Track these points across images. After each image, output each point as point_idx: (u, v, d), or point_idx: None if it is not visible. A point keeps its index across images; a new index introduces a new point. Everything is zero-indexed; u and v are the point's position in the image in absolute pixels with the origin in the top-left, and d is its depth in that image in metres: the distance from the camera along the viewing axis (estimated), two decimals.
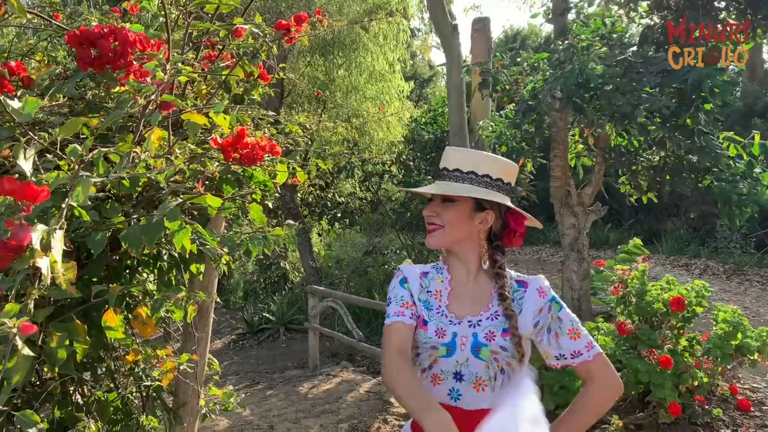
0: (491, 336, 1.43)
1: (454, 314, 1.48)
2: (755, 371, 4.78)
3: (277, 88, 7.84)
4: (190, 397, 2.30)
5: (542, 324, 1.45)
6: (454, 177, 1.50)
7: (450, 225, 1.48)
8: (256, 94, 2.30)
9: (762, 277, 9.91)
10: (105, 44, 1.34)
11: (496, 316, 1.46)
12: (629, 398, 4.06)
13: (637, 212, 13.10)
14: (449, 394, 1.44)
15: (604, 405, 1.46)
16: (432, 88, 22.44)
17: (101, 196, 1.46)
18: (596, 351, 1.43)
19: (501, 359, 1.43)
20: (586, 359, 1.43)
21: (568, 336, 1.43)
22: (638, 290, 4.14)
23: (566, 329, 1.44)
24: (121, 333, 1.37)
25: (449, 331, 1.46)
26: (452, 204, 1.48)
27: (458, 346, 1.44)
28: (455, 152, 1.55)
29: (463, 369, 1.43)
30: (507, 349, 1.43)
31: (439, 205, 1.50)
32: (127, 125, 1.68)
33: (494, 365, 1.43)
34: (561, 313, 1.46)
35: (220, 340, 8.70)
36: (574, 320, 1.46)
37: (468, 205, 1.48)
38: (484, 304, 1.48)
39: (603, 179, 5.62)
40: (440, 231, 1.49)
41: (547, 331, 1.45)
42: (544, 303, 1.47)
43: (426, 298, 1.53)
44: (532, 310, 1.46)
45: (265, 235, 1.86)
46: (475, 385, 1.42)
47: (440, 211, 1.49)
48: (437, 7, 7.32)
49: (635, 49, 4.94)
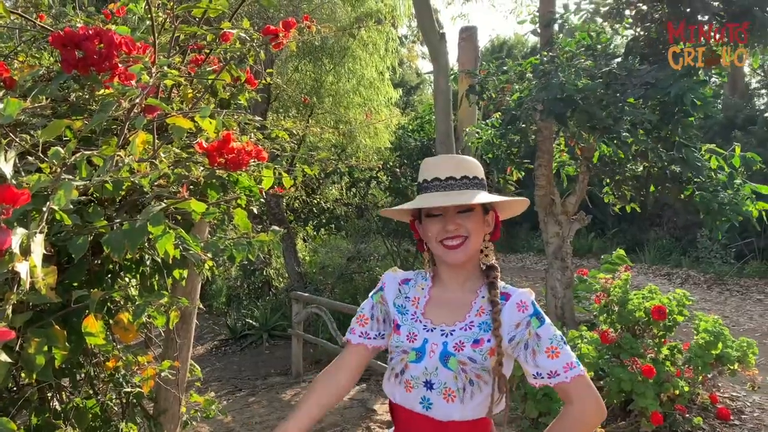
0: (461, 346, 1.40)
1: (429, 320, 1.48)
2: (735, 380, 4.84)
3: (264, 93, 7.82)
4: (171, 404, 2.27)
5: (518, 339, 1.39)
6: (453, 185, 1.45)
7: (474, 234, 1.45)
8: (243, 99, 2.29)
9: (741, 286, 10.05)
10: (90, 46, 1.32)
11: (470, 327, 1.43)
12: (612, 407, 4.08)
13: (620, 221, 13.24)
14: (421, 403, 1.43)
15: (581, 429, 1.37)
16: (419, 95, 22.53)
17: (83, 199, 1.44)
18: (575, 372, 1.35)
19: (469, 371, 1.39)
20: (563, 380, 1.35)
21: (545, 354, 1.36)
22: (620, 299, 4.18)
23: (544, 347, 1.37)
24: (101, 339, 1.35)
25: (420, 337, 1.46)
26: (472, 212, 1.45)
27: (428, 352, 1.43)
28: (441, 160, 1.52)
29: (432, 377, 1.41)
30: (476, 361, 1.38)
31: (458, 216, 1.44)
32: (111, 128, 1.66)
33: (462, 376, 1.39)
34: (540, 329, 1.38)
35: (202, 346, 8.62)
36: (555, 338, 1.38)
37: (480, 211, 1.47)
38: (461, 314, 1.46)
39: (587, 188, 5.67)
40: (466, 242, 1.44)
41: (524, 347, 1.39)
42: (522, 318, 1.40)
43: (402, 303, 1.55)
44: (508, 324, 1.40)
45: (250, 241, 1.85)
46: (444, 395, 1.40)
47: (462, 221, 1.44)
48: (425, 16, 7.36)
49: (619, 60, 5.01)
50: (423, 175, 1.51)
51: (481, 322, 1.43)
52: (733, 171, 4.66)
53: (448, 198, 1.44)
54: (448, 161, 1.50)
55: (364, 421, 4.79)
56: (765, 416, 4.45)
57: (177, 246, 1.46)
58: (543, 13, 5.88)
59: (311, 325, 7.67)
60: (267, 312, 8.65)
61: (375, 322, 1.58)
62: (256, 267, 9.89)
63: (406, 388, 1.45)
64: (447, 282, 1.52)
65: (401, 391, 1.46)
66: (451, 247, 1.44)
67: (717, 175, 4.58)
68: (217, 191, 1.76)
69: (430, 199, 1.46)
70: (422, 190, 1.50)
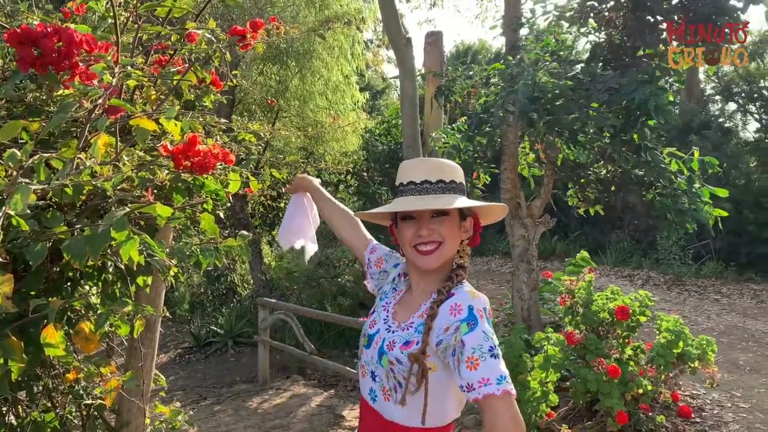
0: (392, 345, 1.38)
1: (391, 315, 1.50)
2: (695, 378, 4.96)
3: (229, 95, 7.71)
4: (135, 416, 2.20)
5: (445, 344, 1.29)
6: (428, 189, 1.42)
7: (449, 238, 1.42)
8: (208, 101, 2.24)
9: (699, 287, 10.34)
10: (48, 44, 1.27)
11: (408, 327, 1.40)
12: (578, 407, 4.14)
13: (583, 224, 13.50)
14: (369, 393, 1.44)
15: None
16: (385, 99, 22.60)
17: (42, 204, 1.38)
18: (489, 390, 1.18)
19: (397, 372, 1.35)
20: (476, 396, 1.19)
21: (465, 364, 1.22)
22: (585, 300, 4.24)
23: (466, 356, 1.22)
24: (61, 350, 1.29)
25: (377, 326, 1.48)
26: (447, 217, 1.42)
27: (374, 342, 1.44)
28: (418, 164, 1.50)
29: (375, 370, 1.42)
30: (402, 363, 1.34)
31: (432, 221, 1.41)
32: (71, 130, 1.60)
33: (392, 376, 1.36)
34: (467, 336, 1.25)
35: (165, 354, 8.43)
36: (480, 348, 1.22)
37: (456, 216, 1.45)
38: (408, 314, 1.45)
39: (551, 192, 5.75)
40: (441, 248, 1.41)
41: (452, 354, 1.26)
42: (451, 322, 1.30)
43: (388, 291, 1.58)
44: (438, 327, 1.32)
45: (217, 246, 1.80)
46: (383, 392, 1.40)
47: (436, 227, 1.41)
48: (391, 20, 7.37)
49: (583, 66, 5.10)
50: (400, 178, 1.49)
51: (419, 323, 1.39)
52: (692, 174, 4.78)
53: (420, 202, 1.41)
54: (424, 164, 1.48)
55: (333, 428, 4.75)
56: (724, 413, 4.58)
57: (141, 252, 1.41)
58: (508, 18, 5.95)
59: (278, 331, 7.58)
60: (232, 319, 8.52)
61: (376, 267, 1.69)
62: (221, 273, 9.73)
63: (361, 373, 1.49)
64: (414, 283, 1.52)
65: (360, 376, 1.50)
66: (425, 252, 1.41)
67: (677, 179, 4.70)
68: (183, 195, 1.71)
69: (404, 202, 1.44)
70: (398, 194, 1.48)
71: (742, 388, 5.22)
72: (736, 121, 14.12)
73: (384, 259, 1.67)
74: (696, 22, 4.35)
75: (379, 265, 1.67)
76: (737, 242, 11.28)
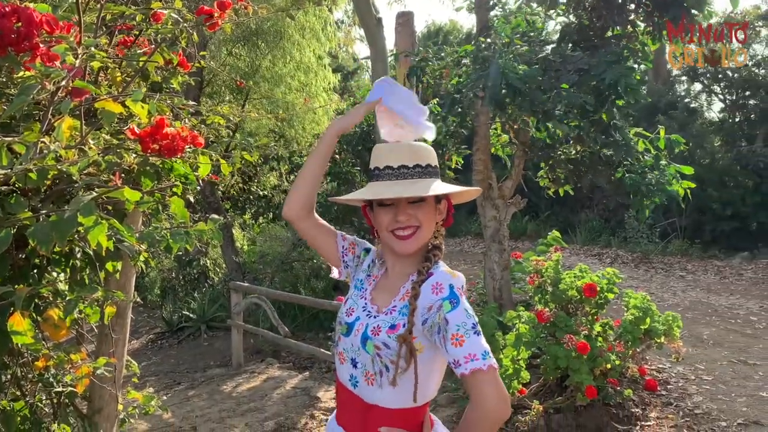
0: (377, 330, 1.39)
1: (369, 301, 1.50)
2: (661, 353, 5.11)
3: (197, 77, 7.57)
4: (107, 402, 2.18)
5: (430, 323, 1.32)
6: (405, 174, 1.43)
7: (426, 223, 1.43)
8: (176, 83, 2.20)
9: (666, 264, 10.61)
10: (6, 24, 1.23)
11: (392, 311, 1.42)
12: (548, 383, 4.23)
13: (553, 204, 13.69)
14: (350, 380, 1.45)
15: (476, 428, 1.26)
16: (356, 80, 22.43)
17: (5, 189, 1.35)
18: (475, 365, 1.24)
19: (384, 356, 1.37)
20: (462, 371, 1.25)
21: (451, 341, 1.27)
22: (553, 279, 4.32)
23: (450, 333, 1.27)
24: (29, 337, 1.27)
25: (356, 314, 1.48)
26: (424, 203, 1.43)
27: (354, 330, 1.45)
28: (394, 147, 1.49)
29: (356, 356, 1.43)
30: (390, 347, 1.36)
31: (410, 206, 1.42)
32: (33, 113, 1.56)
33: (378, 361, 1.38)
34: (450, 314, 1.29)
35: (137, 340, 8.34)
36: (463, 325, 1.28)
37: (432, 200, 1.45)
38: (389, 299, 1.46)
39: (522, 172, 5.81)
40: (418, 232, 1.42)
41: (437, 332, 1.30)
42: (434, 300, 1.33)
43: (362, 279, 1.58)
44: (422, 306, 1.35)
45: (187, 231, 1.78)
46: (366, 377, 1.41)
47: (413, 212, 1.42)
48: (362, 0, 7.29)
49: (553, 47, 5.13)
50: (375, 162, 1.48)
51: (402, 306, 1.40)
52: (658, 153, 4.88)
53: (400, 188, 1.41)
54: (401, 149, 1.47)
55: (308, 409, 4.78)
56: (688, 385, 4.74)
57: (110, 237, 1.39)
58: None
59: (251, 315, 7.56)
60: (204, 303, 8.45)
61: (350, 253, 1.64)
62: (192, 257, 9.63)
63: (339, 360, 1.48)
64: (390, 267, 1.53)
65: (337, 362, 1.50)
66: (402, 237, 1.43)
67: (644, 158, 4.79)
68: (152, 179, 1.69)
69: (382, 188, 1.43)
70: (374, 178, 1.47)
71: (706, 361, 5.40)
72: (701, 101, 14.42)
73: (356, 244, 1.65)
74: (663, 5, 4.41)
75: (353, 251, 1.64)
76: (702, 220, 11.59)
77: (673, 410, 4.26)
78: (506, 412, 1.27)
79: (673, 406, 4.33)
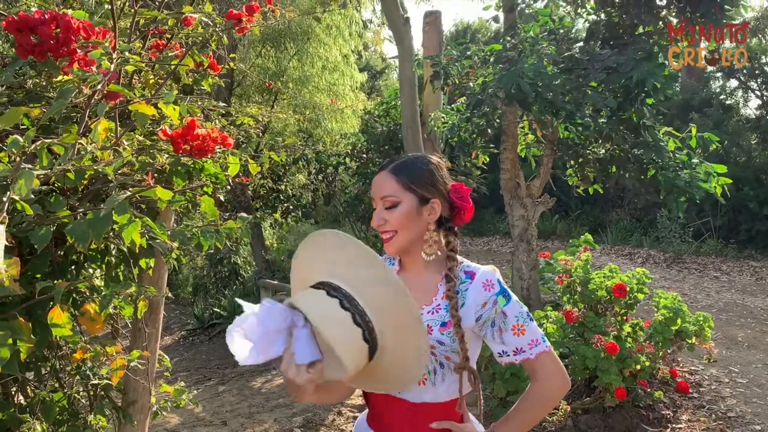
0: (428, 330, 1.40)
1: None
2: (693, 354, 5.02)
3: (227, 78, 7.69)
4: (141, 395, 2.25)
5: (485, 318, 1.41)
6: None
7: (402, 228, 1.44)
8: (206, 85, 2.26)
9: (699, 264, 10.38)
10: (46, 31, 1.29)
11: (437, 310, 1.44)
12: (577, 384, 4.20)
13: (583, 203, 13.50)
14: None
15: (546, 404, 1.44)
16: (384, 80, 22.45)
17: (45, 189, 1.41)
18: (540, 349, 1.40)
19: (438, 353, 1.41)
20: (528, 357, 1.40)
21: (511, 332, 1.40)
22: (582, 279, 4.28)
23: (510, 324, 1.40)
24: (68, 330, 1.32)
25: None
26: (397, 207, 1.44)
27: None
28: None
29: None
30: (444, 344, 1.40)
31: (384, 211, 1.46)
32: (71, 116, 1.62)
33: (432, 359, 1.41)
34: (507, 307, 1.41)
35: (170, 336, 8.52)
36: (521, 315, 1.41)
37: (413, 202, 1.45)
38: (429, 297, 1.47)
39: (551, 171, 5.76)
40: (395, 237, 1.45)
41: (491, 325, 1.41)
42: (488, 297, 1.41)
43: None
44: (475, 303, 1.41)
45: (218, 229, 1.83)
46: None
47: (387, 217, 1.45)
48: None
49: (581, 45, 5.07)
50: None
51: (447, 304, 1.43)
52: (690, 152, 4.79)
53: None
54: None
55: (335, 406, 4.82)
56: (722, 388, 4.64)
57: (143, 235, 1.44)
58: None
59: None
60: (235, 300, 8.57)
61: None
62: (223, 256, 9.78)
63: None
64: (407, 265, 1.54)
65: None
66: (384, 240, 1.48)
67: (677, 156, 4.70)
68: (183, 179, 1.74)
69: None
70: None
71: (740, 363, 5.29)
72: (737, 98, 14.02)
73: None
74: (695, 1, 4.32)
75: None
76: (737, 219, 11.29)
77: (705, 413, 4.19)
78: (569, 385, 1.45)
79: (705, 409, 4.25)
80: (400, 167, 1.48)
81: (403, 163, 1.50)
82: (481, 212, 14.76)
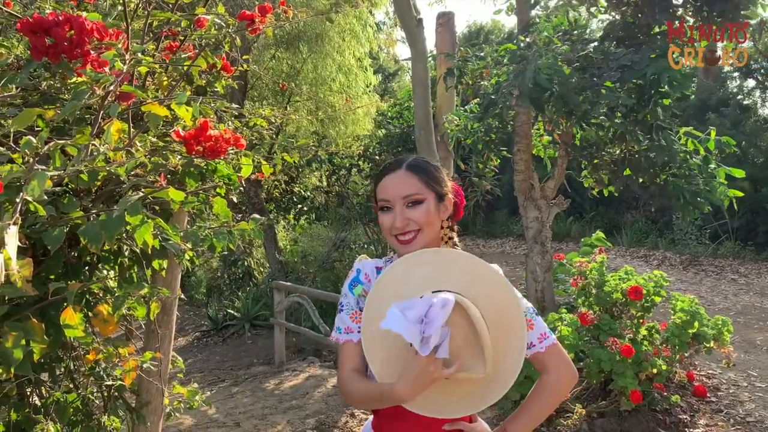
0: None
1: None
2: (711, 358, 4.95)
3: (241, 80, 7.72)
4: (154, 396, 2.26)
5: None
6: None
7: (427, 225, 1.43)
8: (219, 86, 2.26)
9: (716, 267, 10.24)
10: (60, 33, 1.29)
11: None
12: (592, 387, 4.15)
13: (598, 205, 13.37)
14: None
15: (557, 396, 1.47)
16: (397, 82, 22.44)
17: (58, 190, 1.41)
18: (549, 342, 1.43)
19: None
20: (538, 350, 1.42)
21: None
22: (597, 281, 4.23)
23: None
24: (81, 331, 1.32)
25: None
26: (421, 204, 1.43)
27: None
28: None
29: None
30: None
31: (407, 210, 1.42)
32: (85, 117, 1.63)
33: None
34: None
35: (183, 338, 8.56)
36: (528, 310, 1.43)
37: (432, 200, 1.45)
38: None
39: (565, 172, 5.71)
40: (419, 235, 1.43)
41: None
42: None
43: None
44: None
45: (230, 230, 1.83)
46: None
47: (410, 216, 1.42)
48: (402, 1, 7.30)
49: (596, 44, 5.03)
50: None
51: None
52: (708, 155, 4.72)
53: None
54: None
55: (348, 408, 4.81)
56: (740, 392, 4.57)
57: (156, 236, 1.44)
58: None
59: (293, 314, 7.66)
60: (248, 302, 8.61)
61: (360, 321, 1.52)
62: (237, 257, 9.83)
63: None
64: None
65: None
66: (404, 241, 1.43)
67: (691, 160, 4.63)
68: (196, 180, 1.74)
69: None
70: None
71: (759, 367, 5.20)
72: (754, 98, 13.84)
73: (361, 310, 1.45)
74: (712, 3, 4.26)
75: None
76: (755, 221, 11.13)
77: (723, 417, 4.12)
78: (577, 377, 1.49)
79: (723, 414, 4.18)
80: (414, 166, 1.46)
81: (415, 162, 1.48)
82: (495, 214, 14.69)
